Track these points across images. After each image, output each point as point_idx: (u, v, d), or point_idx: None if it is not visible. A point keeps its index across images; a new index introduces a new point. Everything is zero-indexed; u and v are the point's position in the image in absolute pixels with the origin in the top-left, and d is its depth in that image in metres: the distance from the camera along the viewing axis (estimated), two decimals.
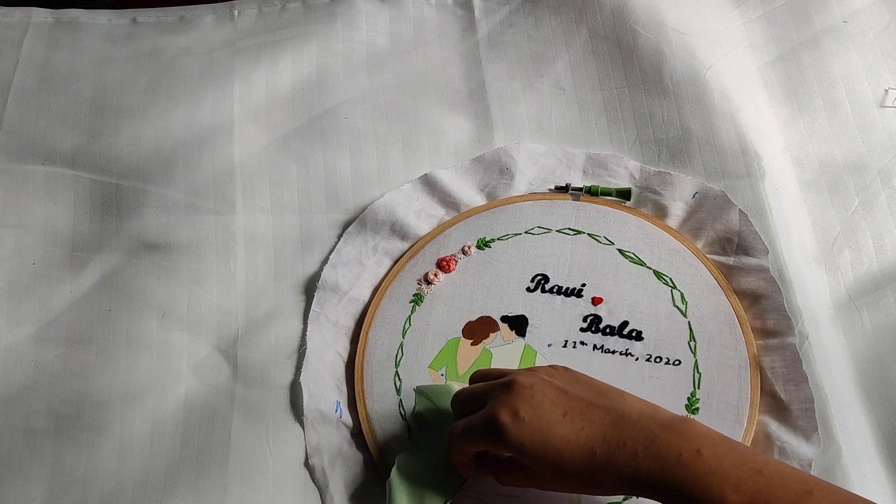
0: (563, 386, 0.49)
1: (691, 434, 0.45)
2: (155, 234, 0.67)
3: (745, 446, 0.46)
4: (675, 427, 0.46)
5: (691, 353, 0.61)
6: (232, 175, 0.69)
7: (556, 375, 0.51)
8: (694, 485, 0.43)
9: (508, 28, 0.76)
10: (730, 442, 0.46)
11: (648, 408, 0.48)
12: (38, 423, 0.60)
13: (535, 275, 0.65)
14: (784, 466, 0.44)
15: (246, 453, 0.59)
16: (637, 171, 0.69)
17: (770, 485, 0.42)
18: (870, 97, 0.71)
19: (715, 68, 0.71)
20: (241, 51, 0.75)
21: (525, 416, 0.48)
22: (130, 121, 0.72)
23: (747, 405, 0.59)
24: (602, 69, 0.73)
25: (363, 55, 0.75)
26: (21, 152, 0.71)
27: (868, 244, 0.66)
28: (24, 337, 0.64)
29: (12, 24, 0.77)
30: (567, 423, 0.47)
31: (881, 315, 0.63)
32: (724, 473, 0.43)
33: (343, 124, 0.72)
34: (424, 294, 0.65)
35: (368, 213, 0.67)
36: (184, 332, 0.64)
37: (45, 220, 0.68)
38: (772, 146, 0.69)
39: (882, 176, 0.68)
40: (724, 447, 0.45)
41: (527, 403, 0.48)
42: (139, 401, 0.61)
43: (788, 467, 0.44)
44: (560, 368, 0.52)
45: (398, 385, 0.62)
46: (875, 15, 0.74)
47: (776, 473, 0.43)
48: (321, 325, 0.64)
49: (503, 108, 0.73)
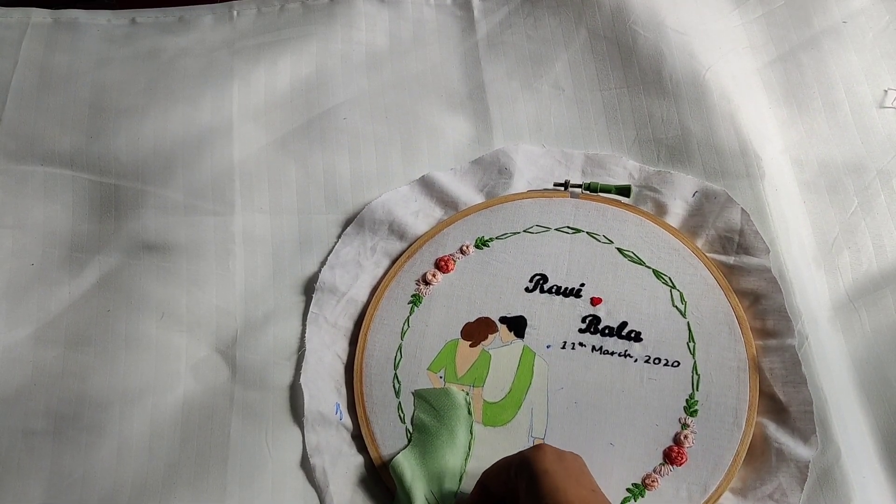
0: (591, 483, 0.51)
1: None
2: (154, 234, 0.67)
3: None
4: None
5: (690, 354, 0.61)
6: (231, 176, 0.69)
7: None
8: None
9: (507, 28, 0.76)
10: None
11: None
12: (37, 424, 0.60)
13: (533, 274, 0.65)
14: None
15: (245, 455, 0.59)
16: (636, 171, 0.69)
17: None
18: (869, 98, 0.71)
19: (714, 69, 0.71)
20: (240, 51, 0.75)
21: (565, 457, 0.51)
22: (129, 121, 0.72)
23: (746, 407, 0.59)
24: (601, 69, 0.73)
25: (362, 56, 0.75)
26: (20, 153, 0.71)
27: (867, 245, 0.66)
28: (23, 338, 0.64)
29: (11, 25, 0.77)
30: (592, 495, 0.49)
31: (880, 316, 0.63)
32: None
33: (342, 125, 0.72)
34: (423, 295, 0.64)
35: (366, 213, 0.67)
36: (183, 333, 0.64)
37: (44, 221, 0.68)
38: (771, 147, 0.69)
39: (881, 177, 0.67)
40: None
41: (567, 455, 0.52)
42: (138, 402, 0.61)
43: None
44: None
45: (397, 388, 0.62)
46: (875, 15, 0.73)
47: None
48: (320, 327, 0.64)
49: (502, 108, 0.73)
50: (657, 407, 0.59)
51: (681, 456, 0.58)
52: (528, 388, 0.61)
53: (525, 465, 0.50)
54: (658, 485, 0.57)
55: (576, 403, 0.60)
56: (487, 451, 0.59)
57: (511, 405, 0.60)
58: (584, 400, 0.60)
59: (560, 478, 0.49)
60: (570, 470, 0.50)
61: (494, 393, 0.61)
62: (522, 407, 0.60)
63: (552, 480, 0.49)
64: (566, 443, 0.58)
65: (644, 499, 0.57)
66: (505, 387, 0.61)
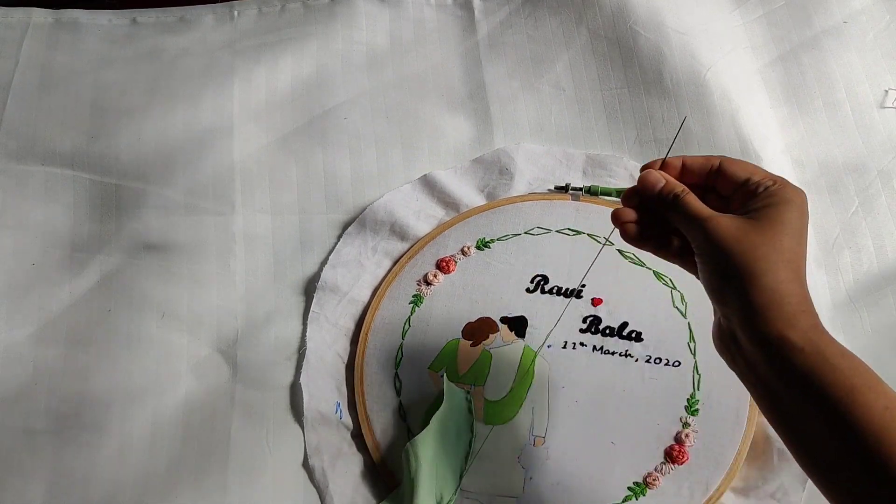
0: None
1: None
2: (155, 234, 0.67)
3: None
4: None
5: (691, 354, 0.61)
6: (232, 175, 0.69)
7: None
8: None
9: (508, 28, 0.76)
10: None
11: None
12: (38, 424, 0.60)
13: (534, 275, 0.65)
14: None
15: (246, 454, 0.59)
16: (637, 172, 0.68)
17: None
18: (870, 98, 0.71)
19: (715, 69, 0.71)
20: (240, 51, 0.75)
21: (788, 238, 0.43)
22: (130, 121, 0.72)
23: (747, 406, 0.59)
24: (602, 70, 0.73)
25: (363, 55, 0.75)
26: (21, 152, 0.71)
27: (868, 245, 0.66)
28: (24, 337, 0.64)
29: (12, 25, 0.77)
30: (795, 275, 0.42)
31: (881, 315, 0.63)
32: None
33: (343, 125, 0.72)
34: (424, 295, 0.64)
35: (368, 214, 0.67)
36: (184, 333, 0.64)
37: (45, 221, 0.68)
38: (772, 147, 0.69)
39: (882, 177, 0.68)
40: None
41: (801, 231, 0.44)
42: (139, 401, 0.61)
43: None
44: None
45: (398, 387, 0.62)
46: (875, 15, 0.74)
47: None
48: (321, 326, 0.64)
49: (503, 108, 0.73)
50: (658, 406, 0.59)
51: (682, 455, 0.57)
52: (530, 386, 0.61)
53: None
54: (659, 483, 0.57)
55: (577, 402, 0.60)
56: (489, 449, 0.59)
57: (512, 404, 0.60)
58: (585, 399, 0.60)
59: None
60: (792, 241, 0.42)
61: (496, 391, 0.61)
62: (524, 405, 0.60)
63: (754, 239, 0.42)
64: (568, 441, 0.59)
65: (645, 497, 0.57)
66: (506, 385, 0.61)
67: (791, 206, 0.43)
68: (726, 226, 0.43)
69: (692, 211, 0.44)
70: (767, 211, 0.43)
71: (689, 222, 0.44)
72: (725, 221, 0.43)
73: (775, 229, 0.42)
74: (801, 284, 0.42)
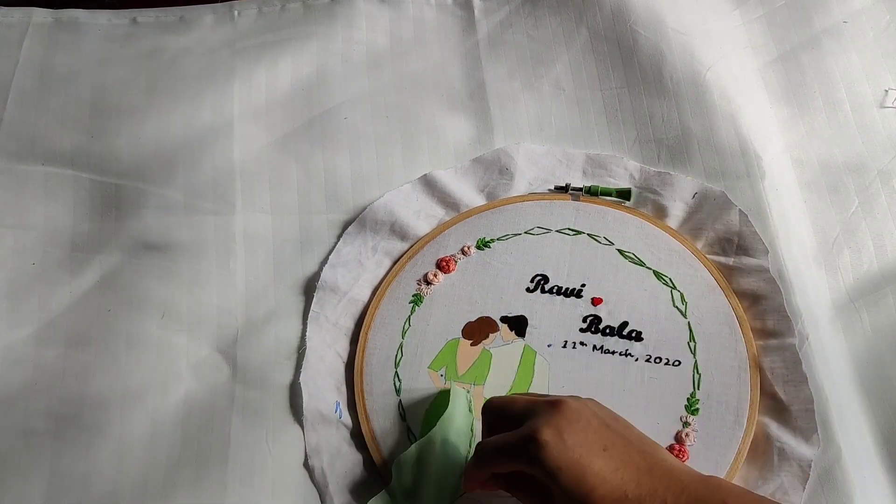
0: (605, 419, 0.49)
1: (719, 487, 0.46)
2: (155, 234, 0.67)
3: (772, 501, 0.46)
4: (705, 480, 0.46)
5: (691, 353, 0.61)
6: (232, 175, 0.69)
7: (596, 406, 0.50)
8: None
9: (508, 28, 0.76)
10: (757, 497, 0.46)
11: (679, 462, 0.48)
12: (38, 424, 0.60)
13: (534, 275, 0.65)
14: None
15: (245, 454, 0.59)
16: (637, 172, 0.69)
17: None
18: (870, 97, 0.71)
19: (715, 69, 0.71)
20: (241, 51, 0.75)
21: (568, 440, 0.46)
22: (130, 121, 0.72)
23: (747, 406, 0.59)
24: (602, 69, 0.73)
25: (363, 55, 0.75)
26: (21, 152, 0.71)
27: (868, 245, 0.66)
28: (24, 337, 0.64)
29: (12, 24, 0.77)
30: (606, 457, 0.46)
31: (881, 316, 0.63)
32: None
33: (343, 124, 0.72)
34: (424, 294, 0.64)
35: (368, 214, 0.67)
36: (183, 333, 0.64)
37: (45, 221, 0.68)
38: (772, 147, 0.69)
39: (882, 176, 0.68)
40: (749, 499, 0.45)
41: (572, 427, 0.47)
42: (139, 401, 0.61)
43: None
44: (594, 401, 0.51)
45: (398, 385, 0.62)
46: (875, 15, 0.74)
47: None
48: (321, 326, 0.64)
49: (503, 108, 0.73)
50: (658, 405, 0.59)
51: (682, 454, 0.57)
52: (530, 386, 0.61)
53: (533, 464, 0.47)
54: None
55: None
56: None
57: None
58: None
59: (572, 468, 0.46)
60: (577, 444, 0.46)
61: (495, 391, 0.61)
62: None
63: (566, 475, 0.46)
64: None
65: None
66: (506, 385, 0.61)
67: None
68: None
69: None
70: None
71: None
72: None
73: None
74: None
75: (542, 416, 0.48)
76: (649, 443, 0.49)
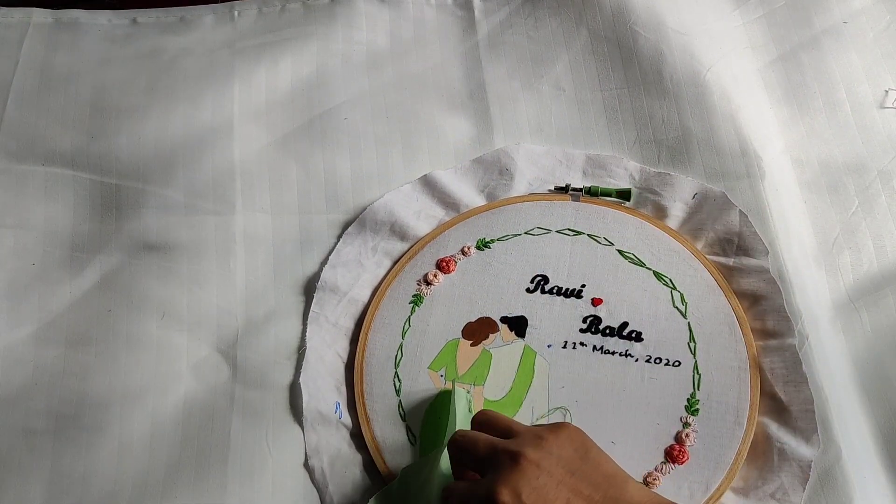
0: (571, 464, 0.48)
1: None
2: (155, 234, 0.67)
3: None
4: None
5: (691, 354, 0.61)
6: (232, 175, 0.69)
7: (564, 447, 0.50)
8: None
9: (508, 29, 0.76)
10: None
11: (648, 497, 0.48)
12: (38, 424, 0.60)
13: (534, 275, 0.65)
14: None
15: (245, 454, 0.59)
16: (637, 172, 0.69)
17: None
18: (870, 98, 0.71)
19: (715, 69, 0.71)
20: (241, 51, 0.75)
21: (527, 501, 0.46)
22: (130, 121, 0.72)
23: (747, 406, 0.59)
24: (602, 70, 0.73)
25: (363, 56, 0.75)
26: (21, 152, 0.71)
27: (868, 245, 0.66)
28: (24, 337, 0.64)
29: (12, 25, 0.77)
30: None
31: (881, 316, 0.63)
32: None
33: (343, 125, 0.72)
34: (424, 295, 0.65)
35: (368, 214, 0.67)
36: (183, 333, 0.64)
37: (45, 221, 0.68)
38: (772, 147, 0.69)
39: (882, 177, 0.68)
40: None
41: (530, 486, 0.47)
42: (139, 401, 0.61)
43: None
44: (571, 431, 0.51)
45: (397, 386, 0.62)
46: (875, 15, 0.74)
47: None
48: (321, 326, 0.64)
49: (503, 108, 0.73)
50: (658, 406, 0.59)
51: (682, 454, 0.57)
52: (529, 386, 0.61)
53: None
54: (660, 483, 0.57)
55: (577, 402, 0.60)
56: None
57: (512, 403, 0.60)
58: (585, 399, 0.60)
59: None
60: (537, 496, 0.47)
61: (495, 391, 0.61)
62: (523, 405, 0.60)
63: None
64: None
65: None
66: (506, 385, 0.61)
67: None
68: None
69: None
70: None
71: None
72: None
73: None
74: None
75: (501, 474, 0.48)
76: (618, 481, 0.49)
